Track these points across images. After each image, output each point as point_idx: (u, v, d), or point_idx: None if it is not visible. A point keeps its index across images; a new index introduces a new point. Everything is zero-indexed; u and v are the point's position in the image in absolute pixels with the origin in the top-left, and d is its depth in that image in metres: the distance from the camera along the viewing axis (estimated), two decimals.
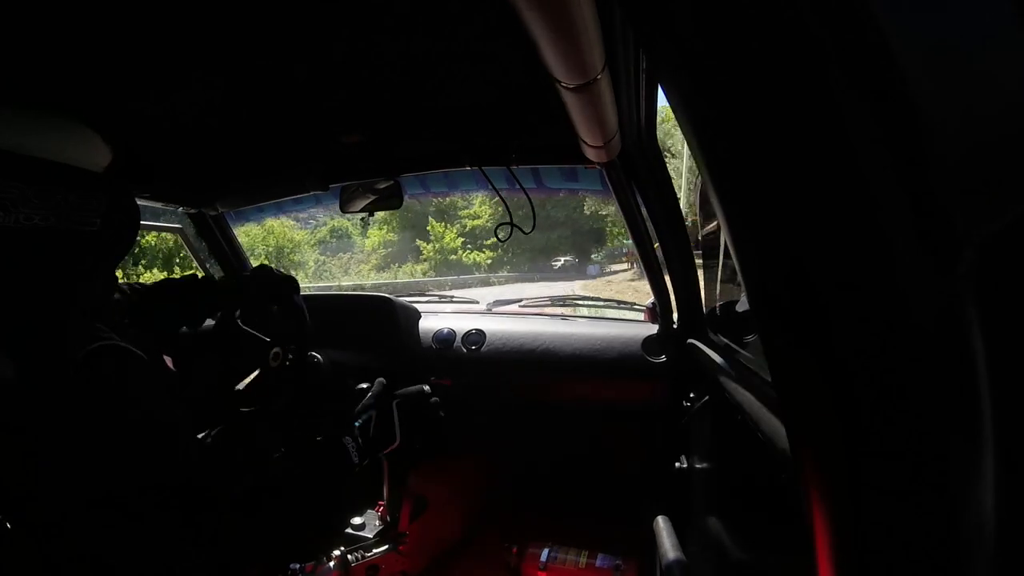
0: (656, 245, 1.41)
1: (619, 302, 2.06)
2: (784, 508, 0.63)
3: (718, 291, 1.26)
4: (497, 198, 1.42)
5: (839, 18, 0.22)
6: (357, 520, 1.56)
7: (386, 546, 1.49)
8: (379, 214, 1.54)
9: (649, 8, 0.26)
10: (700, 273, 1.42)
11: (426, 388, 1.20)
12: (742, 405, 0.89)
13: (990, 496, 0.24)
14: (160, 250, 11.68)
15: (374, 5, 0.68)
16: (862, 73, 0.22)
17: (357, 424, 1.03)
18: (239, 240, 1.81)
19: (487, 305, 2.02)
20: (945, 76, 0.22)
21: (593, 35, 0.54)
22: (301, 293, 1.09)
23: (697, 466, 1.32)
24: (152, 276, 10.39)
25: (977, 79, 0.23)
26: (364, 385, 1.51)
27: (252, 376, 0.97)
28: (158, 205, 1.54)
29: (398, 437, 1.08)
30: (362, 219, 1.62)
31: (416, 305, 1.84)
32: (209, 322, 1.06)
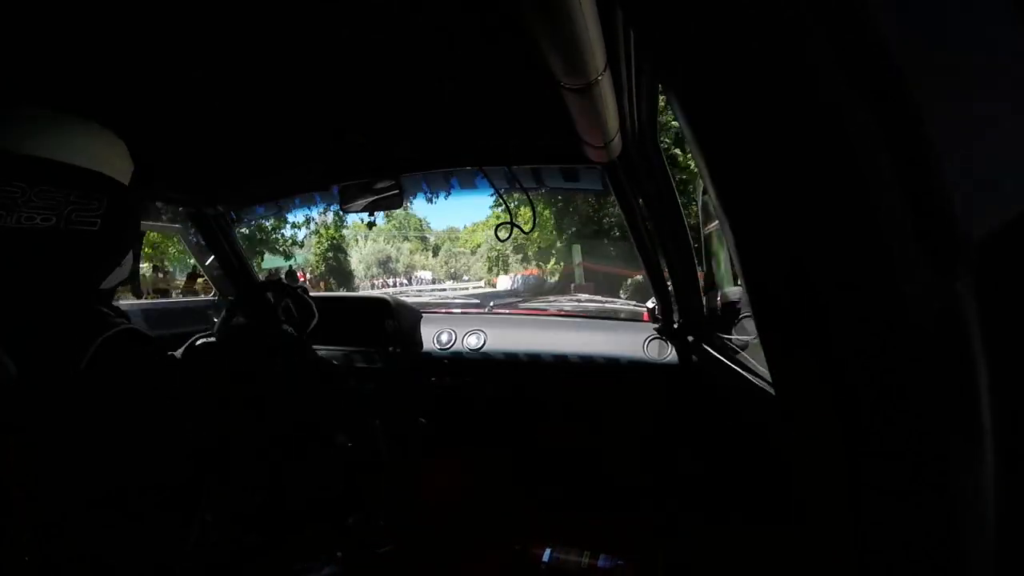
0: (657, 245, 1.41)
1: (620, 302, 2.06)
2: (783, 507, 0.63)
3: (720, 290, 1.26)
4: None
5: (839, 19, 0.22)
6: (357, 520, 1.56)
7: (387, 547, 1.49)
8: None
9: (650, 10, 0.26)
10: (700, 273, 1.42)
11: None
12: (742, 405, 0.89)
13: (990, 496, 0.24)
14: None
15: (374, 5, 0.68)
16: (862, 73, 0.22)
17: None
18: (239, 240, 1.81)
19: (488, 306, 2.03)
20: (945, 76, 0.22)
21: (594, 36, 0.54)
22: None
23: (695, 466, 1.32)
24: None
25: (977, 79, 0.23)
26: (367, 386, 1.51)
27: None
28: (159, 205, 1.54)
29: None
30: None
31: (417, 306, 1.85)
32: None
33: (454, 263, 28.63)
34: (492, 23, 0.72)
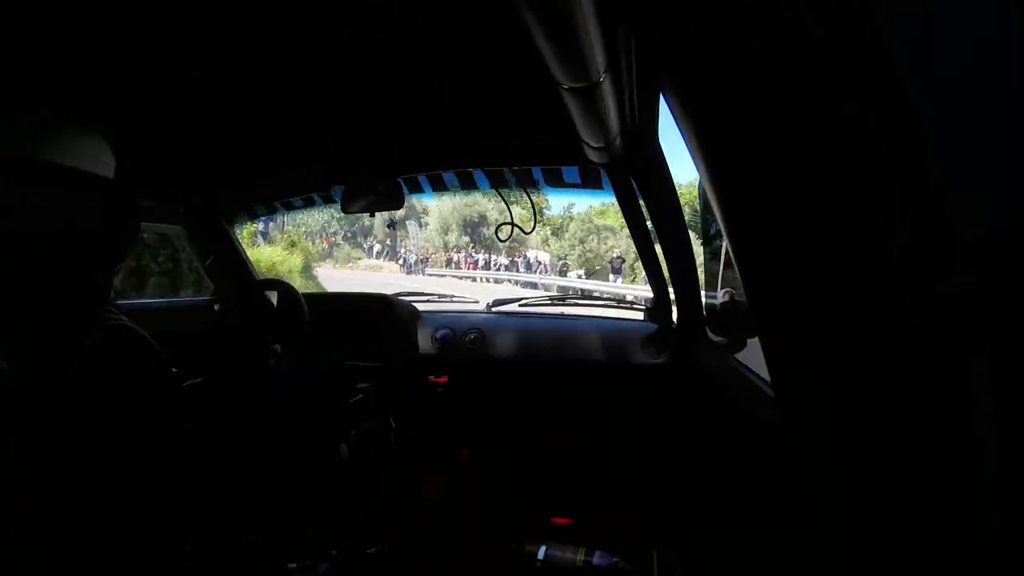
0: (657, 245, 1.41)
1: (619, 301, 2.06)
2: (781, 507, 0.63)
3: (719, 289, 1.26)
4: None
5: (838, 19, 0.22)
6: (353, 519, 1.56)
7: (384, 547, 1.49)
8: None
9: (650, 12, 0.26)
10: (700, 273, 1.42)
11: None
12: (741, 405, 0.89)
13: (990, 496, 0.24)
14: None
15: (374, 5, 0.68)
16: (862, 74, 0.22)
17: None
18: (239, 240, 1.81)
19: (487, 304, 2.03)
20: (945, 77, 0.22)
21: (595, 38, 0.54)
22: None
23: (694, 466, 1.32)
24: None
25: (977, 80, 0.23)
26: (363, 385, 1.51)
27: None
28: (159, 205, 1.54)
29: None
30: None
31: (415, 304, 1.84)
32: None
33: (594, 243, 16.76)
34: (492, 23, 0.72)
